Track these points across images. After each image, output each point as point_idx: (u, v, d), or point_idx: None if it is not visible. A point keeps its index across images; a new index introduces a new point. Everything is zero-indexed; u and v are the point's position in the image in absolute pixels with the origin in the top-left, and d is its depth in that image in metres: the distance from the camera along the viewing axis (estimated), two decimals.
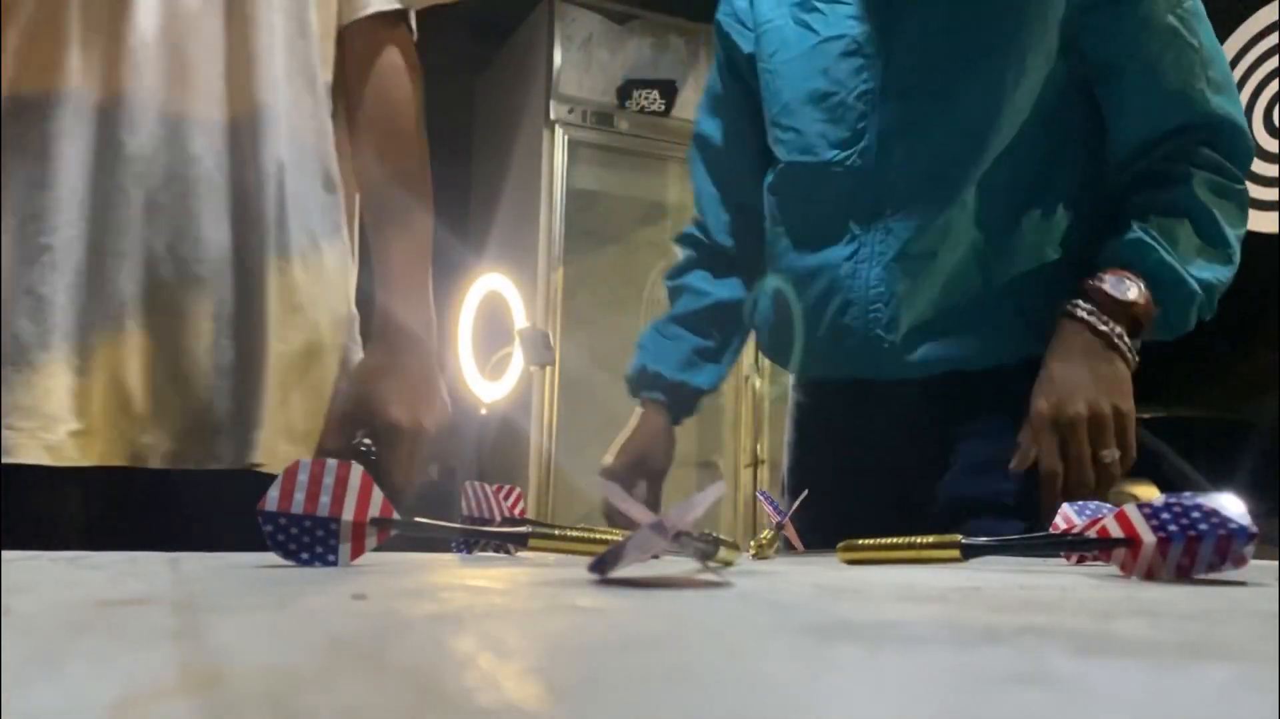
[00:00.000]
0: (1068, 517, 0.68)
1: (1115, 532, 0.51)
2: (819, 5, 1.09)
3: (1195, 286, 0.97)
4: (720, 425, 3.36)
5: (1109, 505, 0.64)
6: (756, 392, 3.30)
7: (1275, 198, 2.67)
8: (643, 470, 1.19)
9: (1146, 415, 2.68)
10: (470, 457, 3.35)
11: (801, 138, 1.09)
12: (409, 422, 0.94)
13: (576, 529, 0.59)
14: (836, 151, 1.06)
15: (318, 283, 0.95)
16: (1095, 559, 0.60)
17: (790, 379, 1.22)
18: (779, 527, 0.76)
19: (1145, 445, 1.04)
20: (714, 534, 0.46)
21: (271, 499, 0.49)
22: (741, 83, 1.20)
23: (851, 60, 1.06)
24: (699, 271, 1.25)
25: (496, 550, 0.66)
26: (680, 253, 1.28)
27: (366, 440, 0.94)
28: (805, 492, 0.83)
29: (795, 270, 1.09)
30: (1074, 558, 0.64)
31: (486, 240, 3.59)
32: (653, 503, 1.20)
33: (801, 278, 1.09)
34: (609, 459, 1.18)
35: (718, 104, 1.23)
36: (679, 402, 1.21)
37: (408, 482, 0.95)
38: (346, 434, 0.95)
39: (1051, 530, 0.68)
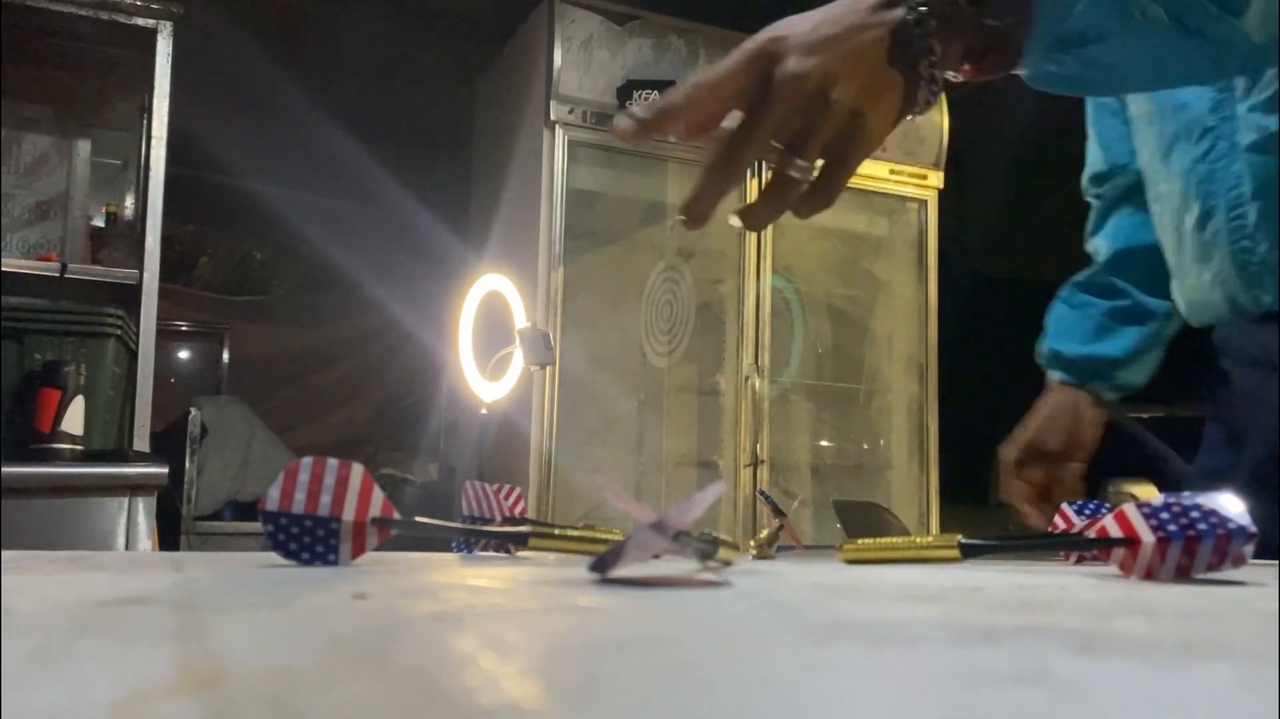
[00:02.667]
0: (1067, 516, 0.68)
1: (1114, 531, 0.51)
2: None
3: None
4: (720, 425, 3.36)
5: None
6: (756, 391, 3.30)
7: None
8: (1038, 455, 1.03)
9: (1145, 415, 2.68)
10: (470, 457, 3.35)
11: None
12: None
13: (576, 529, 0.59)
14: None
15: None
16: (1094, 559, 0.60)
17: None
18: (779, 527, 0.76)
19: (1136, 438, 0.99)
20: (714, 534, 0.46)
21: (272, 499, 0.48)
22: None
23: None
24: (1112, 219, 1.08)
25: (497, 550, 0.66)
26: (1092, 210, 1.11)
27: None
28: (799, 497, 0.81)
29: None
30: (1073, 558, 0.64)
31: (486, 240, 3.59)
32: (1058, 489, 1.02)
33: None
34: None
35: None
36: (1089, 375, 1.05)
37: None
38: None
39: (1051, 530, 0.68)
